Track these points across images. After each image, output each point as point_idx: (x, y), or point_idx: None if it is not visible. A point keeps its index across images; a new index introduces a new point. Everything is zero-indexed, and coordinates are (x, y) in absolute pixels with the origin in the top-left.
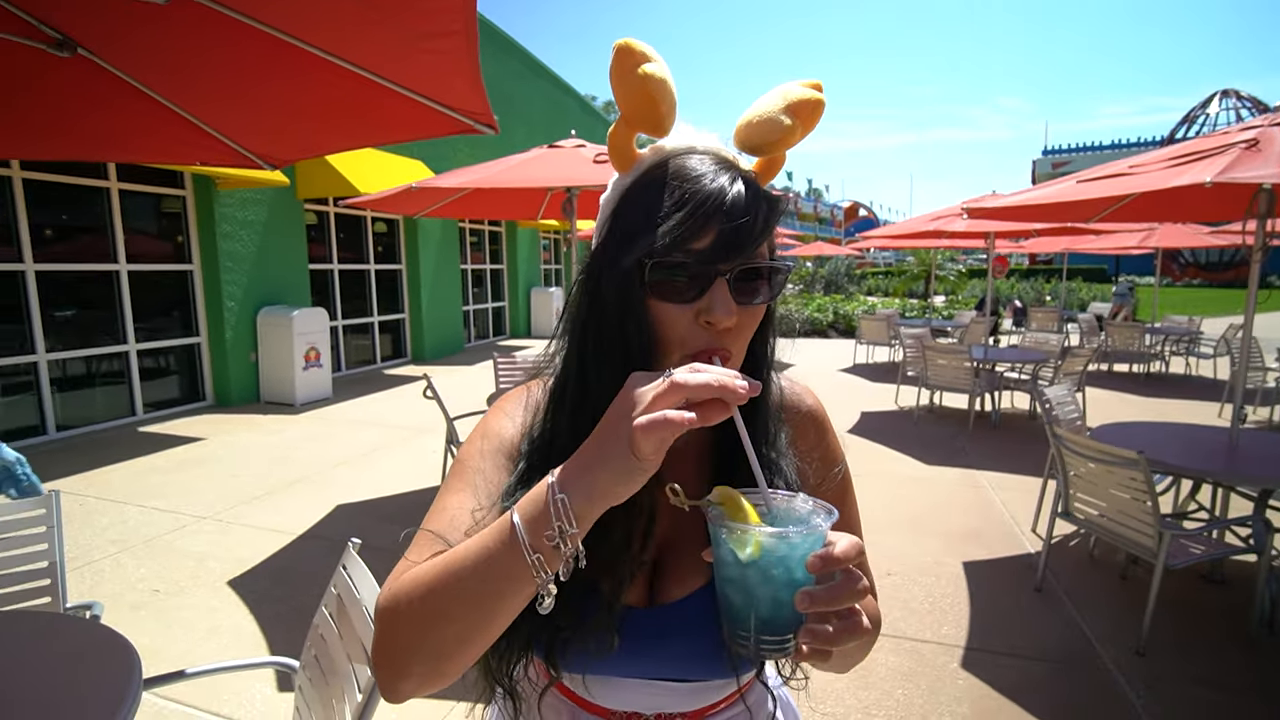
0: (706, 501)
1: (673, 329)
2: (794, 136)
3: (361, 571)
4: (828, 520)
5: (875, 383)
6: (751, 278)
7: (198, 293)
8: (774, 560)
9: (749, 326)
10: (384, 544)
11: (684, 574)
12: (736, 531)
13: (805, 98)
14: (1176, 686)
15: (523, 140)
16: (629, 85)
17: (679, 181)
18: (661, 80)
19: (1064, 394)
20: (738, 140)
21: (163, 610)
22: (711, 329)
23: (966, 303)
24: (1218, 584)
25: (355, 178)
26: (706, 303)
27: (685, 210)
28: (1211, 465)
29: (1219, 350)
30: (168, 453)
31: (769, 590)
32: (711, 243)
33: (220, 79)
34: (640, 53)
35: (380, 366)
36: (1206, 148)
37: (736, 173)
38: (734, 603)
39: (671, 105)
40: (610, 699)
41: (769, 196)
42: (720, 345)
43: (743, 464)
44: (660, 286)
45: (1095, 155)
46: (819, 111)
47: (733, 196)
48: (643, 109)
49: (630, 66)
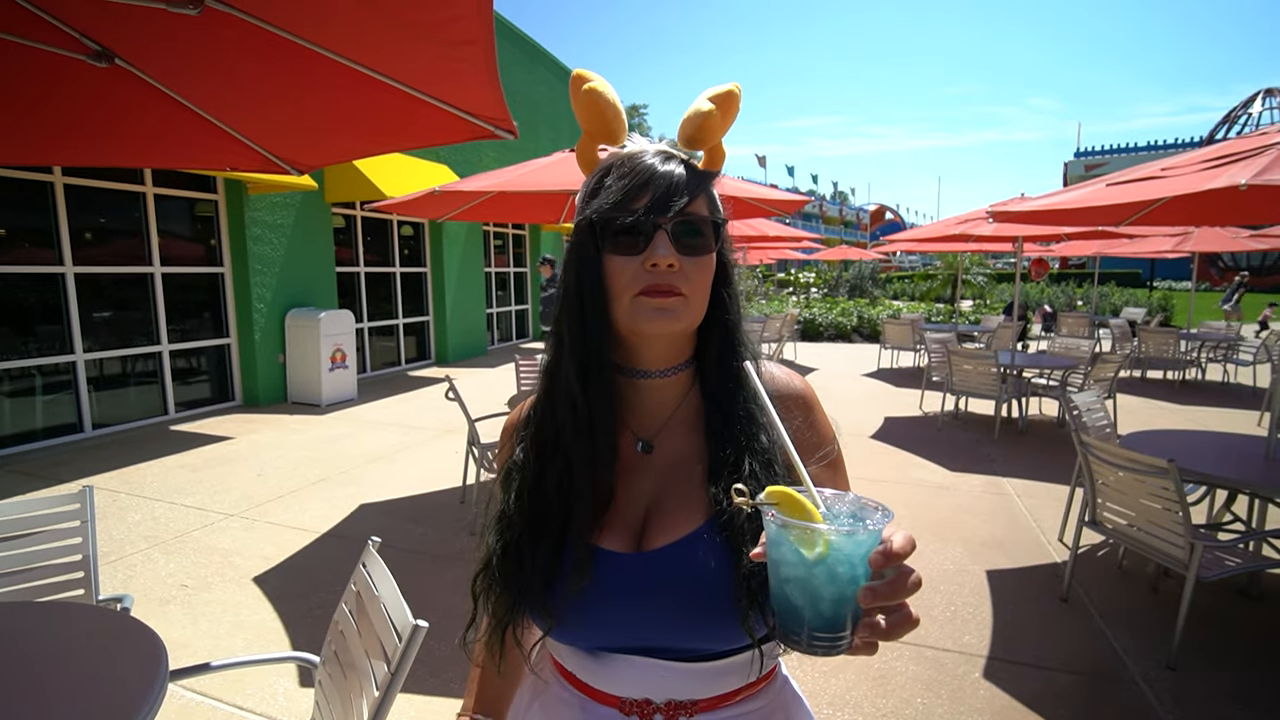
0: (764, 501)
1: (622, 276)
2: (715, 120)
3: (381, 570)
4: (885, 518)
5: (899, 388)
6: (690, 232)
7: (228, 295)
8: (841, 558)
9: (698, 277)
10: (406, 544)
11: (669, 525)
12: (804, 531)
13: (722, 90)
14: (1208, 704)
15: (547, 145)
16: (580, 102)
17: (623, 164)
18: (601, 94)
19: (1093, 400)
20: (679, 139)
21: (190, 605)
22: (656, 271)
23: (994, 307)
24: (1254, 599)
25: (382, 182)
26: (649, 250)
27: (626, 179)
28: (1247, 475)
29: (1259, 357)
30: (197, 451)
31: (834, 589)
32: (648, 201)
33: (250, 87)
34: (585, 76)
35: (405, 368)
36: (1244, 149)
37: (670, 154)
38: (794, 602)
39: (616, 114)
40: (618, 684)
41: (696, 168)
42: (665, 282)
43: (727, 436)
44: (613, 243)
45: (1131, 157)
46: (734, 99)
47: (664, 166)
48: (593, 119)
49: (579, 87)
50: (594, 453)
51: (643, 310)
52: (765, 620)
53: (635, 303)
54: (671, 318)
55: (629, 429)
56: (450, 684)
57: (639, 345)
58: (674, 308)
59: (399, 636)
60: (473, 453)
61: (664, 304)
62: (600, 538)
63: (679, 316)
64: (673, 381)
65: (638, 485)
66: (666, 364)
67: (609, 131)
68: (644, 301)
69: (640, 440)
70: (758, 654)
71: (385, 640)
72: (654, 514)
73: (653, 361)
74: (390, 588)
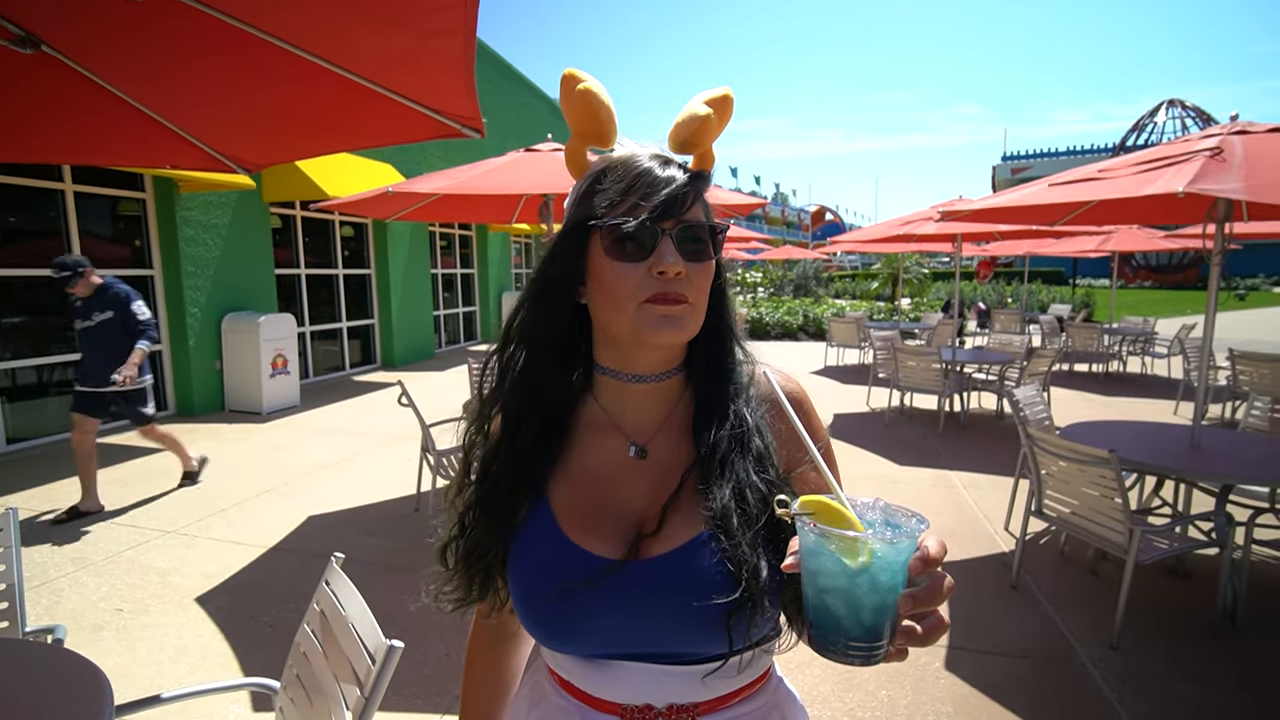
0: (802, 513)
1: (627, 283)
2: (711, 125)
3: (347, 587)
4: (921, 524)
5: (846, 384)
6: (693, 237)
7: (158, 298)
8: (884, 566)
9: (701, 284)
10: (360, 556)
11: (667, 531)
12: (846, 541)
13: (717, 94)
14: (1148, 680)
15: (493, 145)
16: (572, 102)
17: (623, 169)
18: (595, 94)
19: (1033, 394)
20: (671, 142)
21: (126, 630)
22: (664, 278)
23: (932, 305)
24: (1181, 578)
25: (323, 181)
26: (656, 257)
27: (627, 184)
28: (1176, 462)
29: (1172, 350)
30: (127, 464)
31: (875, 598)
32: (651, 207)
33: (196, 80)
34: (578, 76)
35: (350, 373)
36: (1174, 154)
37: (668, 159)
38: (835, 613)
39: (609, 116)
40: (618, 691)
41: (695, 172)
42: (673, 290)
43: (719, 441)
44: (615, 249)
45: (1053, 161)
46: (729, 104)
47: (665, 172)
48: (585, 121)
49: (571, 87)
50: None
51: (650, 318)
52: (796, 630)
53: (642, 310)
54: (679, 326)
55: (622, 433)
56: (414, 700)
57: (636, 350)
58: (681, 315)
59: (371, 658)
60: (427, 459)
61: (671, 312)
62: (594, 545)
63: (686, 324)
64: (667, 385)
65: (632, 490)
66: (662, 368)
67: (601, 133)
68: (651, 309)
69: (634, 445)
70: (758, 652)
71: (356, 662)
72: (650, 520)
73: (648, 366)
74: (358, 606)
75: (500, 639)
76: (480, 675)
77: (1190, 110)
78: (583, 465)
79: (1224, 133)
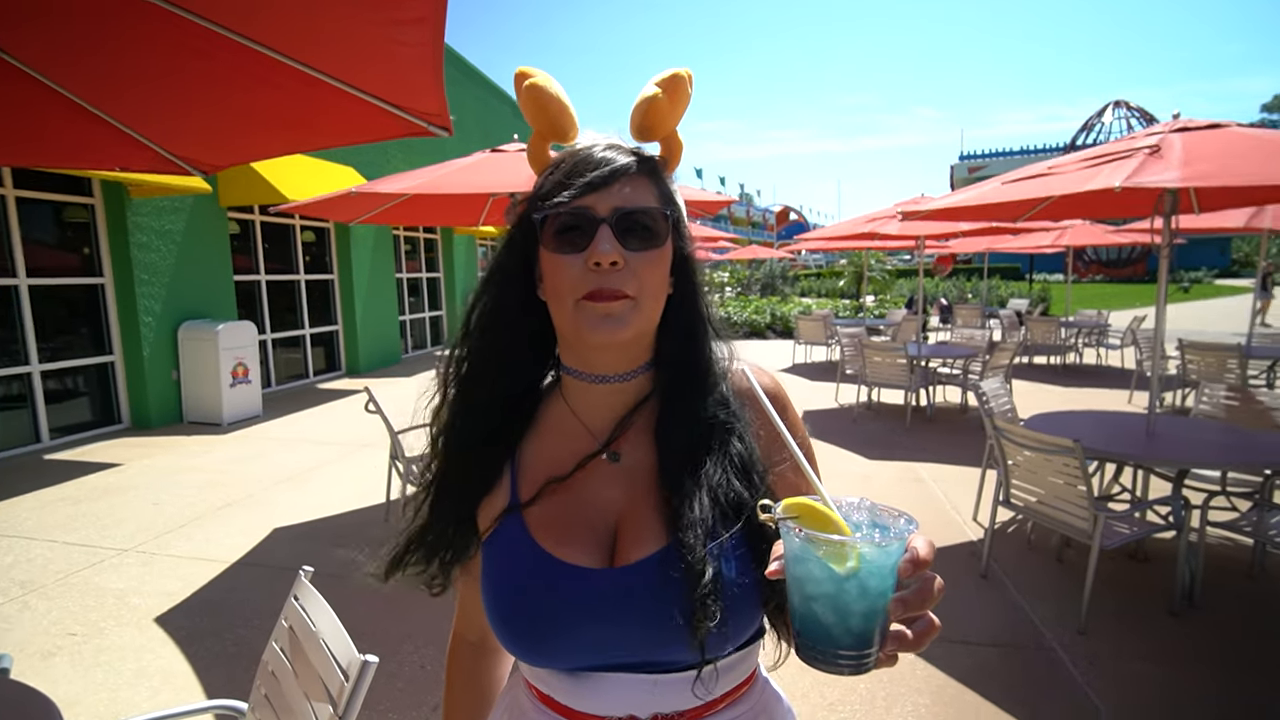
0: (786, 517)
1: (566, 275)
2: (663, 105)
3: (317, 602)
4: (910, 525)
5: (815, 381)
6: (636, 226)
7: (110, 307)
8: (873, 570)
9: (647, 275)
10: (328, 568)
11: (644, 537)
12: (833, 545)
13: (668, 74)
14: (1114, 662)
15: (456, 148)
16: (523, 98)
17: (567, 158)
18: (544, 88)
19: (998, 387)
20: (630, 130)
21: (80, 655)
22: (600, 270)
23: (895, 301)
24: (1141, 562)
25: (282, 184)
26: (591, 247)
27: (564, 171)
28: (1134, 450)
29: (1125, 341)
30: (80, 481)
31: (865, 603)
32: (577, 186)
33: (146, 77)
34: (528, 72)
35: (313, 381)
36: (1117, 151)
37: (619, 145)
38: (823, 621)
39: (561, 109)
40: (600, 703)
41: (641, 156)
42: (610, 285)
43: (691, 443)
44: (554, 241)
45: (1008, 161)
46: (680, 83)
47: (605, 154)
48: (537, 116)
49: (520, 83)
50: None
51: (588, 317)
52: (783, 638)
53: (580, 309)
54: (618, 325)
55: (591, 436)
56: (388, 715)
57: (588, 350)
58: (621, 313)
59: (345, 675)
60: (397, 467)
61: (610, 310)
62: (568, 553)
63: (627, 322)
64: (633, 385)
65: (606, 495)
66: (625, 367)
67: (557, 128)
68: (588, 307)
69: (606, 449)
70: (747, 653)
71: (329, 679)
72: (625, 526)
73: (609, 366)
74: (329, 621)
75: (481, 653)
76: (461, 690)
77: (1135, 111)
78: (554, 470)
79: (1165, 130)
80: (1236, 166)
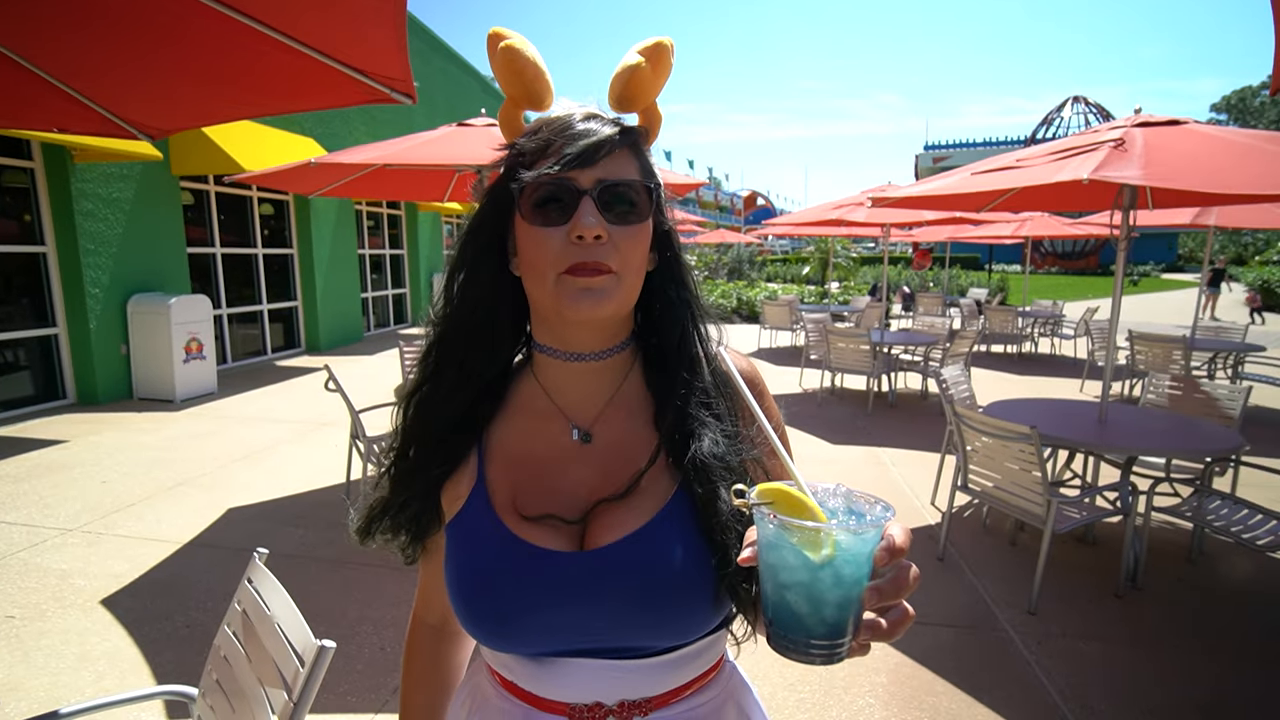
0: (760, 503)
1: (545, 249)
2: (645, 74)
3: (272, 585)
4: (887, 512)
5: (780, 366)
6: (620, 198)
7: (53, 278)
8: (848, 559)
9: (629, 250)
10: (284, 548)
11: (617, 519)
12: (808, 532)
13: (650, 42)
14: (1062, 641)
15: (422, 122)
16: (498, 62)
17: (543, 127)
18: (519, 51)
19: (958, 374)
20: (610, 100)
21: (19, 639)
22: (583, 244)
23: (860, 289)
24: (1090, 545)
25: (238, 153)
26: (574, 220)
27: (543, 139)
28: (1086, 437)
29: (1078, 331)
30: (20, 458)
31: (839, 592)
32: (563, 158)
33: (87, 30)
34: (502, 34)
35: (271, 358)
36: (1082, 144)
37: (598, 115)
38: (796, 610)
39: (536, 74)
40: (566, 690)
41: (622, 126)
42: (592, 259)
43: (676, 422)
44: (533, 213)
45: (971, 152)
46: (664, 51)
47: (587, 125)
48: (511, 81)
49: (494, 46)
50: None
51: (569, 291)
52: (753, 626)
53: (561, 283)
54: (601, 299)
55: (563, 416)
56: (346, 699)
57: (566, 327)
58: (603, 287)
59: (300, 660)
60: (357, 446)
61: (591, 284)
62: (536, 536)
63: (610, 296)
64: (610, 364)
65: (576, 477)
66: (602, 345)
67: (531, 94)
68: (569, 281)
69: (577, 429)
70: (716, 639)
71: (283, 665)
72: (596, 509)
73: (586, 343)
74: (285, 604)
75: (441, 636)
76: (420, 676)
77: (1093, 106)
78: (522, 451)
79: (1128, 124)
80: (1195, 170)
